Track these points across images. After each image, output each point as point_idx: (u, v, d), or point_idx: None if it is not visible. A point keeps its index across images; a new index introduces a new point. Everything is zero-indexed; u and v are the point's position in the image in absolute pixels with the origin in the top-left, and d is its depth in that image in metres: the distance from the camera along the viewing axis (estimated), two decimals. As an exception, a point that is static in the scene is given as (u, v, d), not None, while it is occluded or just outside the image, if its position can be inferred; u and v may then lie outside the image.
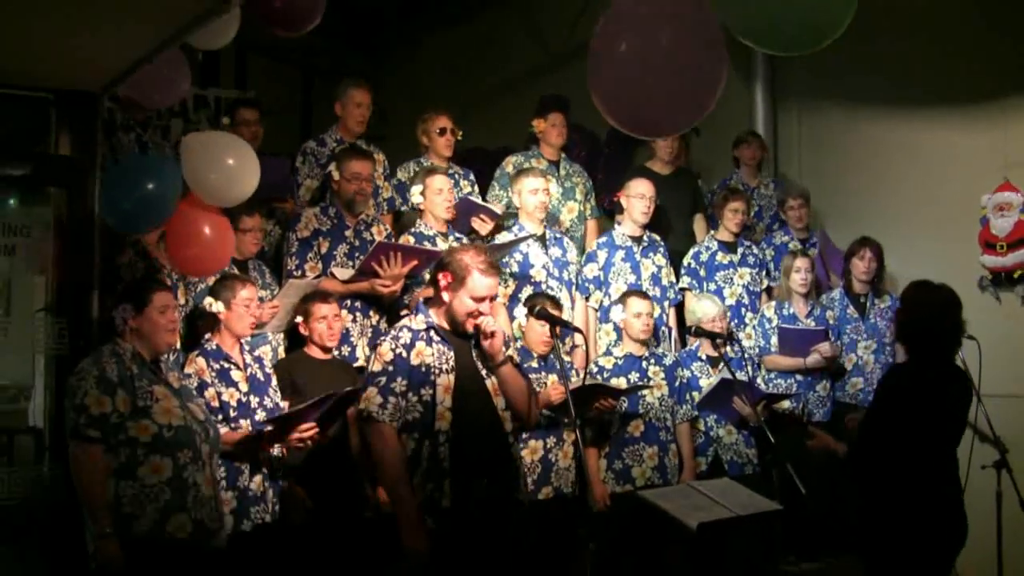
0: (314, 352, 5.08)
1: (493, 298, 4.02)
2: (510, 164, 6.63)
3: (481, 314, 3.93)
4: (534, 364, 5.25)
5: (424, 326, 3.95)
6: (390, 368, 3.85)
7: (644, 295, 5.72)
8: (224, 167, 4.77)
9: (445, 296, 3.98)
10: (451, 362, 3.90)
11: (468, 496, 3.80)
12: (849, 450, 4.31)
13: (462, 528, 3.79)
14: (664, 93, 3.40)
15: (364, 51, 10.15)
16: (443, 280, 3.98)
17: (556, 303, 5.30)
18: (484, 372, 4.00)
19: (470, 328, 3.95)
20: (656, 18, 3.38)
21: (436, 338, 3.93)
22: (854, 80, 7.19)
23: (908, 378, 4.16)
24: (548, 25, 8.84)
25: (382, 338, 3.99)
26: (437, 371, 3.87)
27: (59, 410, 4.33)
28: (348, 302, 5.39)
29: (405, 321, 4.01)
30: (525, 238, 5.82)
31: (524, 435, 4.99)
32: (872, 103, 7.11)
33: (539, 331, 5.20)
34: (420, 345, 3.89)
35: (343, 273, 5.35)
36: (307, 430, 4.50)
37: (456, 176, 6.42)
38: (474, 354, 4.01)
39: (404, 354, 3.87)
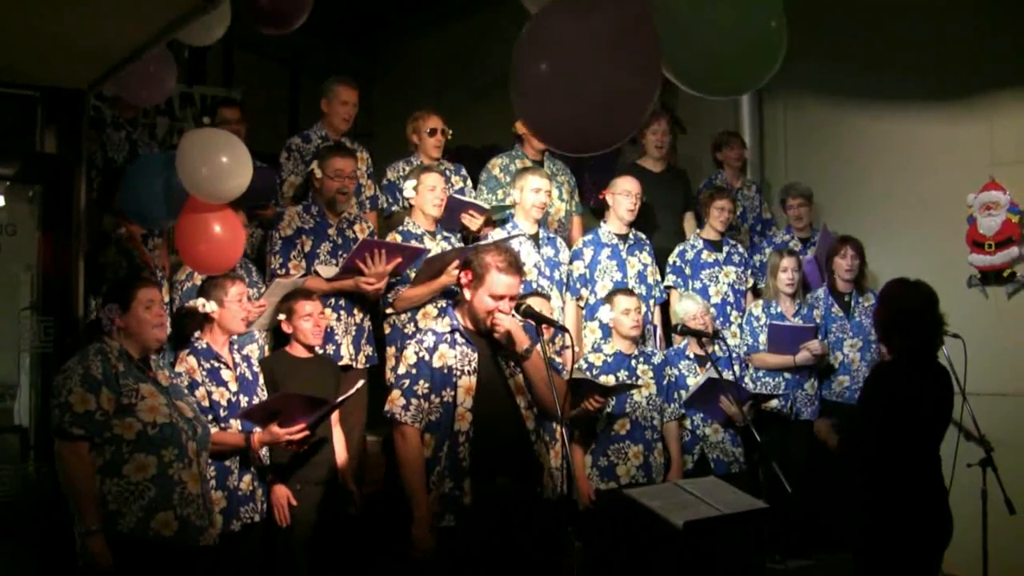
0: (296, 351, 5.06)
1: (513, 297, 4.04)
2: (496, 166, 6.60)
3: (500, 312, 3.98)
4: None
5: (449, 328, 4.04)
6: (413, 371, 3.97)
7: (630, 292, 5.72)
8: (216, 164, 4.74)
9: (467, 294, 4.05)
10: (473, 363, 3.98)
11: (490, 494, 3.87)
12: (842, 451, 4.32)
13: (483, 525, 3.86)
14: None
15: (356, 49, 10.14)
16: (464, 278, 4.06)
17: (545, 299, 5.28)
18: (508, 372, 4.06)
19: (490, 325, 3.99)
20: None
21: (460, 340, 4.01)
22: (840, 76, 7.19)
23: (891, 376, 4.18)
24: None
25: (408, 341, 4.06)
26: (459, 372, 3.95)
27: (45, 408, 4.32)
28: (332, 300, 5.37)
29: (432, 324, 4.07)
30: (517, 236, 5.82)
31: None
32: (858, 99, 7.10)
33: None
34: (443, 348, 3.99)
35: (327, 271, 5.34)
36: (296, 432, 4.51)
37: (448, 172, 6.41)
38: (498, 354, 4.05)
39: (427, 357, 3.97)
